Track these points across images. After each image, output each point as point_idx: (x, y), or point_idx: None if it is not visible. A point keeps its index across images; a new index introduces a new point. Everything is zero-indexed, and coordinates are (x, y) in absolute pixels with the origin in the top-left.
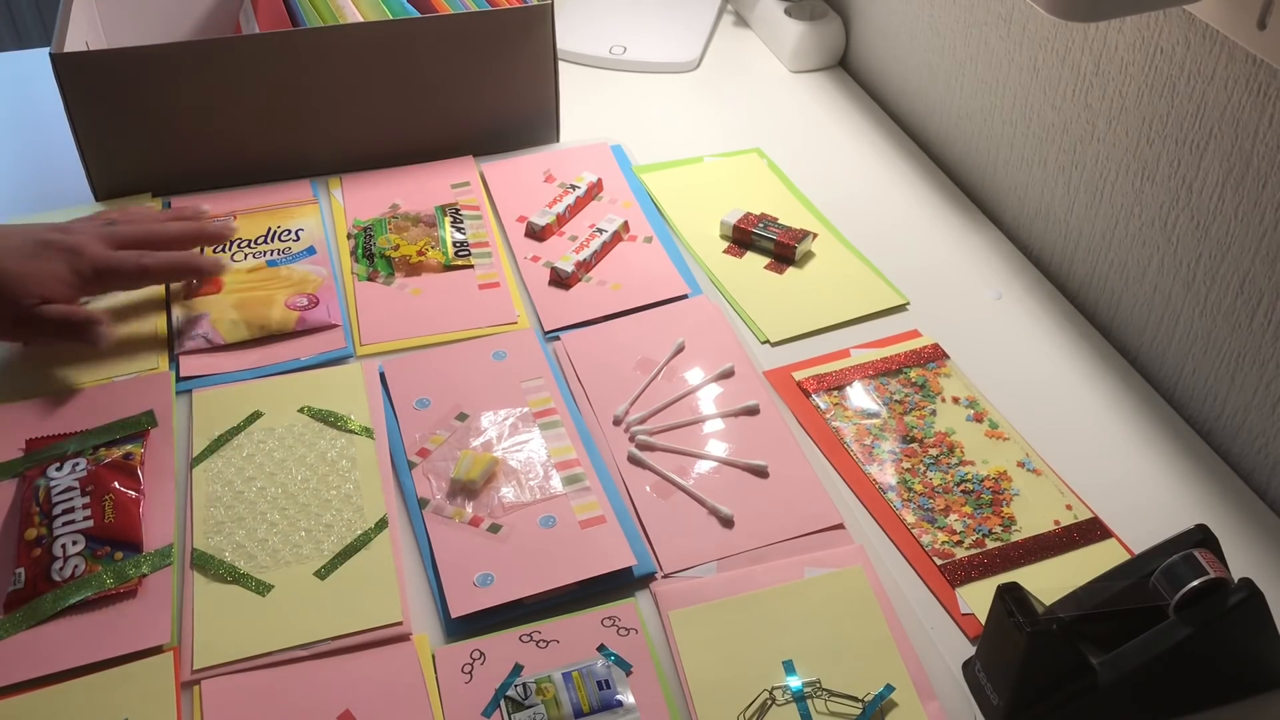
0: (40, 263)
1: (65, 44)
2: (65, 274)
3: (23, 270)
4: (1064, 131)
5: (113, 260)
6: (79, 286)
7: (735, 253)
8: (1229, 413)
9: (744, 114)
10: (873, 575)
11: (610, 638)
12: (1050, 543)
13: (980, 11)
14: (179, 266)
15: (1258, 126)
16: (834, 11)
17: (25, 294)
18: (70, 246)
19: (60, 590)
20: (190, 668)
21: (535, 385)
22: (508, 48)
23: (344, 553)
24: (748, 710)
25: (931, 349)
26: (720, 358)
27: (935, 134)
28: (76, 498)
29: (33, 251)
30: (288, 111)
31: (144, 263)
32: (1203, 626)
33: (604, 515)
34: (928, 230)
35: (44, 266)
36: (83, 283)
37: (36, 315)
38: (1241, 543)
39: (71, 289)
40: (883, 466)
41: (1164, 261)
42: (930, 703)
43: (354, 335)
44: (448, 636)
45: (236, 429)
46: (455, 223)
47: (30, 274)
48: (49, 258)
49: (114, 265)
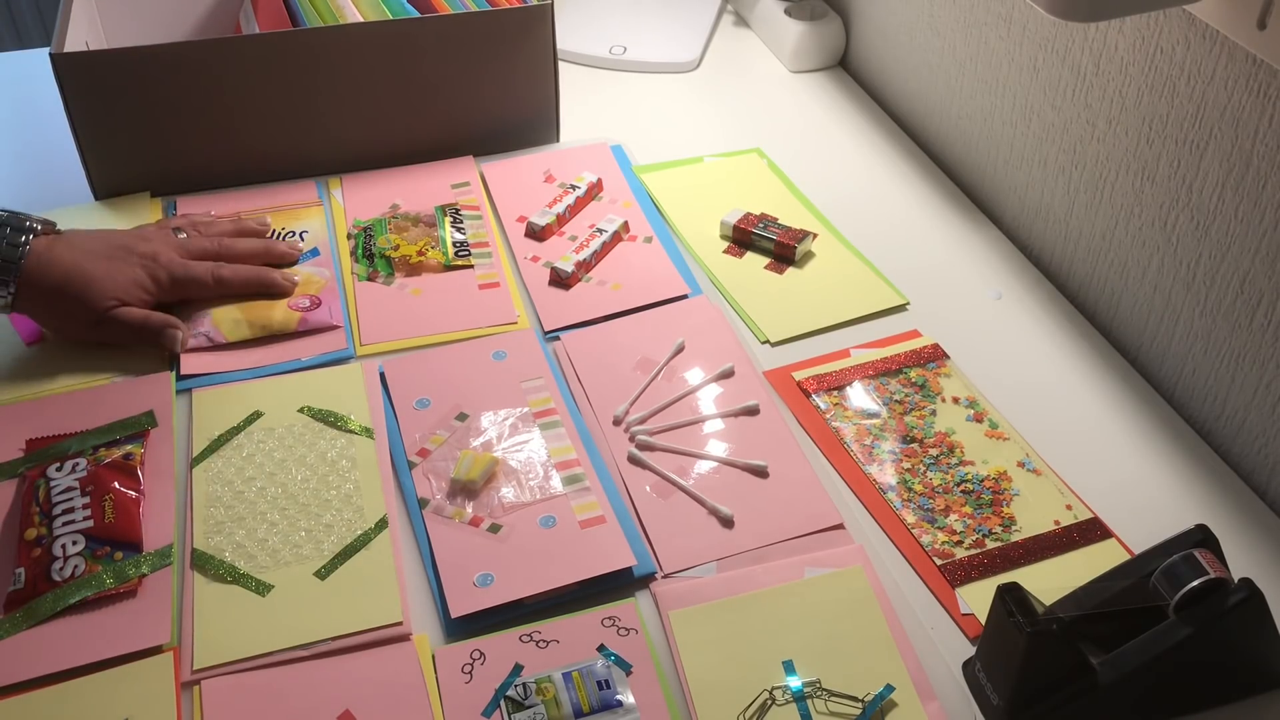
0: (120, 266)
1: (65, 44)
2: (144, 280)
3: (103, 273)
4: (1064, 131)
5: (191, 270)
6: (155, 293)
7: (735, 253)
8: (1229, 413)
9: (744, 114)
10: (873, 575)
11: (610, 638)
12: (1050, 543)
13: (980, 11)
14: (253, 282)
15: (1258, 126)
16: (834, 11)
17: (105, 296)
18: (149, 254)
19: (60, 590)
20: (190, 668)
21: (535, 385)
22: (508, 48)
23: (344, 553)
24: (748, 710)
25: (931, 349)
26: (720, 358)
27: (935, 134)
28: (76, 498)
29: (112, 255)
30: (288, 111)
31: (221, 274)
32: (1203, 626)
33: (604, 515)
34: (928, 230)
35: (124, 271)
36: (159, 290)
37: (115, 317)
38: (1241, 543)
39: (148, 294)
40: (883, 466)
41: (1164, 261)
42: (930, 703)
43: (354, 335)
44: (448, 636)
45: (236, 429)
46: (455, 223)
47: (110, 277)
48: (128, 263)
49: (192, 275)
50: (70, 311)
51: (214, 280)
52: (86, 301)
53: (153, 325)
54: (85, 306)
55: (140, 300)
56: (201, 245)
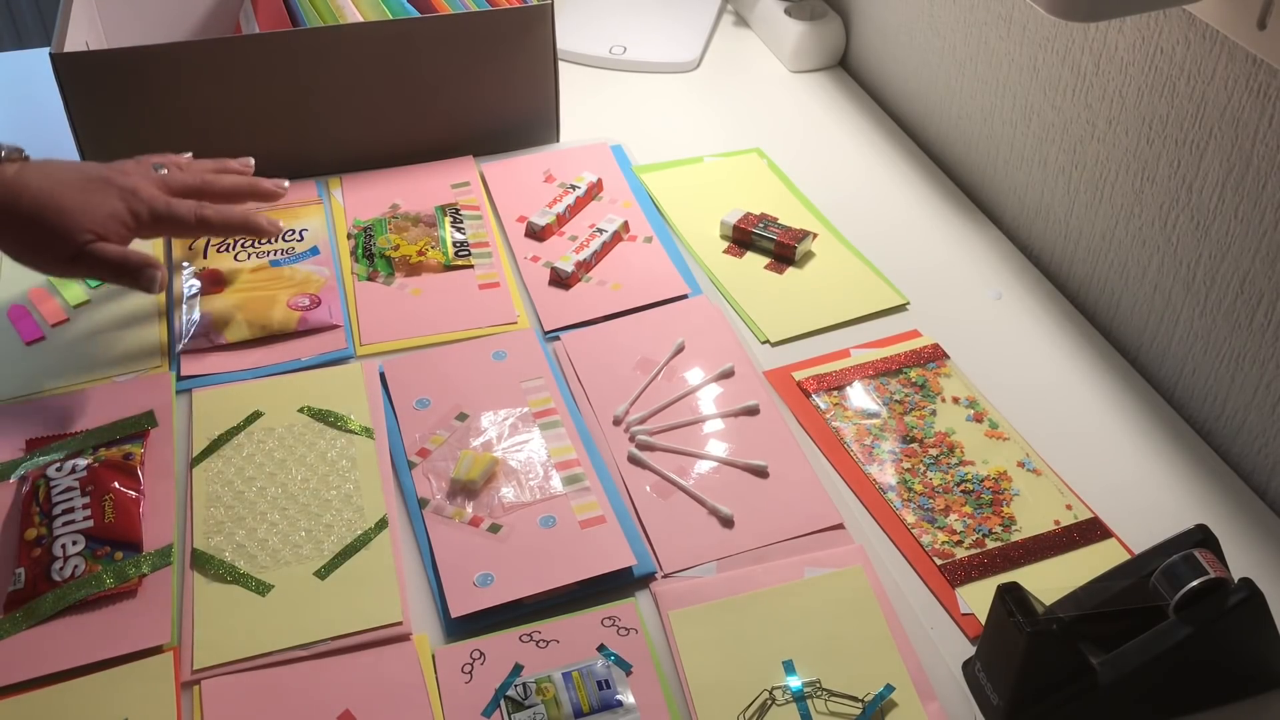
0: (97, 198)
1: (65, 44)
2: (122, 214)
3: (78, 204)
4: (1064, 131)
5: (172, 207)
6: (134, 229)
7: (735, 253)
8: (1229, 413)
9: (744, 114)
10: (873, 575)
11: (610, 638)
12: (1050, 543)
13: (980, 11)
14: (236, 224)
15: (1258, 126)
16: (834, 11)
17: (80, 229)
18: (128, 188)
19: (60, 590)
20: (190, 668)
21: (535, 385)
22: (508, 48)
23: (344, 553)
24: (748, 710)
25: (931, 349)
26: (720, 358)
27: (935, 134)
28: (76, 498)
29: (88, 186)
30: (288, 111)
31: (204, 214)
32: (1203, 626)
33: (604, 515)
34: (928, 230)
35: (101, 203)
36: (138, 225)
37: (92, 252)
38: (1241, 543)
39: (127, 230)
40: (883, 466)
41: (1164, 261)
42: (930, 703)
43: (354, 335)
44: (448, 636)
45: (236, 429)
46: (455, 223)
47: (86, 209)
48: (105, 195)
49: (172, 212)
50: (42, 244)
51: (196, 220)
52: (60, 233)
53: (131, 264)
54: (59, 239)
55: (118, 235)
56: (183, 180)
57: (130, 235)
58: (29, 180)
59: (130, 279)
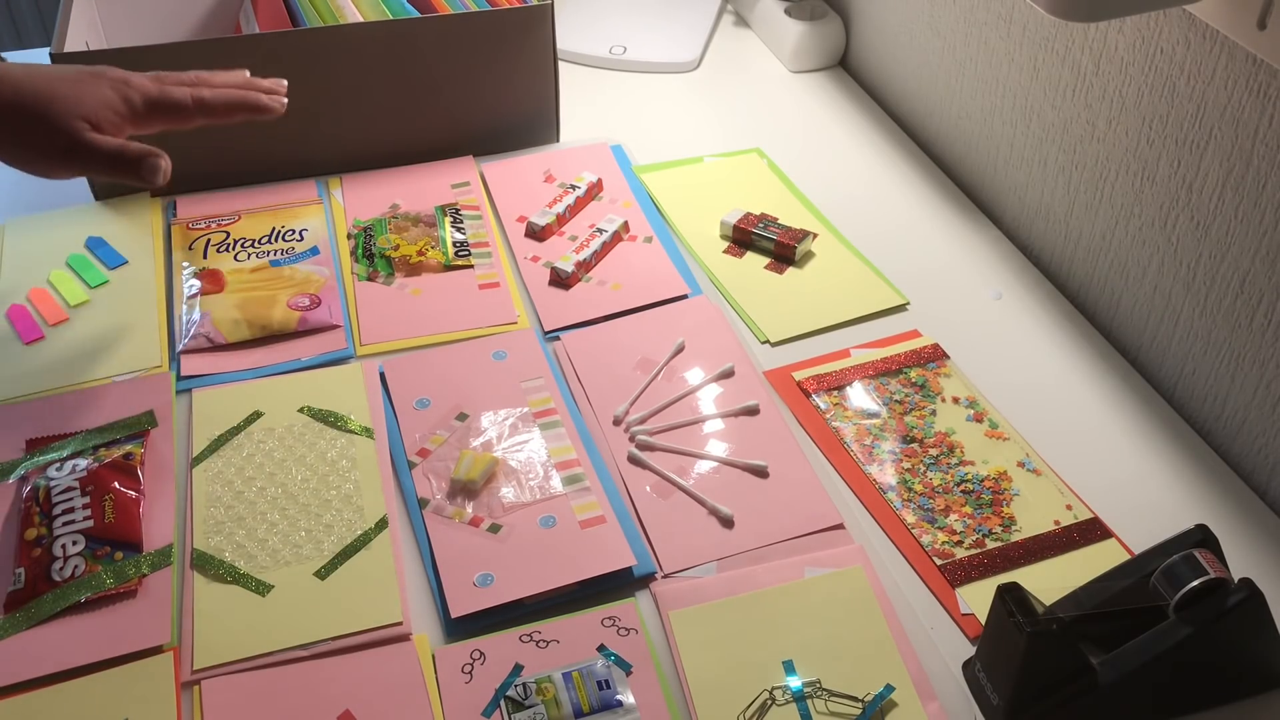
0: (87, 87)
1: (65, 44)
2: (116, 102)
3: (67, 92)
4: (1064, 131)
5: (167, 93)
6: (129, 118)
7: (735, 253)
8: (1229, 413)
9: (744, 114)
10: (873, 575)
11: (610, 638)
12: (1050, 543)
13: (980, 11)
14: (237, 102)
15: (1258, 126)
16: (834, 11)
17: (71, 115)
18: (119, 78)
19: (60, 590)
20: (190, 668)
21: (535, 385)
22: (508, 48)
23: (344, 553)
24: (748, 710)
25: (931, 349)
26: (720, 358)
27: (935, 134)
28: (76, 498)
29: (80, 77)
30: (288, 111)
31: (201, 95)
32: (1203, 626)
33: (604, 515)
34: (928, 230)
35: (92, 91)
36: (133, 114)
37: (87, 143)
38: (1241, 543)
39: (122, 118)
40: (883, 466)
41: (1164, 261)
42: (930, 703)
43: (354, 335)
44: (448, 636)
45: (236, 429)
46: (455, 223)
47: (79, 97)
48: (98, 84)
49: (168, 97)
50: (30, 137)
51: (194, 102)
52: (50, 122)
53: (130, 154)
54: (49, 128)
55: (112, 125)
56: (177, 76)
57: (125, 126)
58: (13, 72)
59: (130, 171)
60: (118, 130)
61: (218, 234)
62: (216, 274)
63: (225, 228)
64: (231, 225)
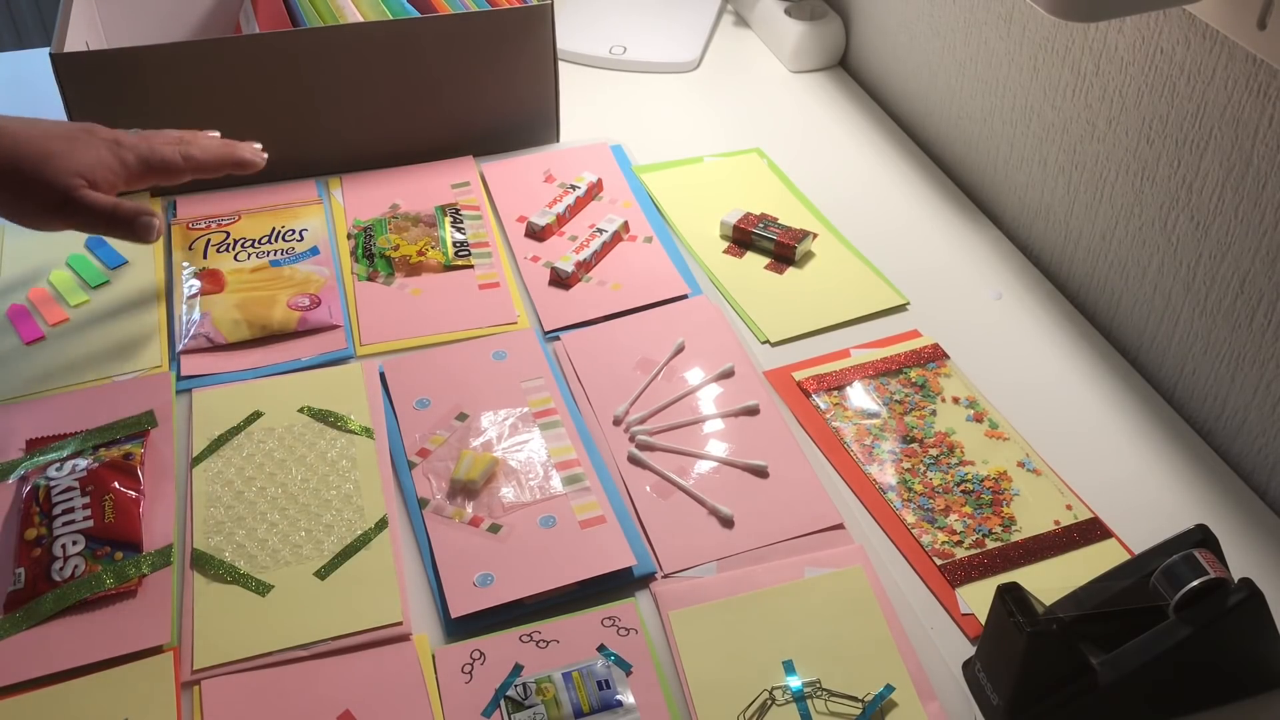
0: (82, 146)
1: (65, 44)
2: (109, 160)
3: (65, 150)
4: (1064, 131)
5: (157, 151)
6: (124, 176)
7: (735, 253)
8: (1229, 413)
9: (744, 114)
10: (873, 575)
11: (610, 638)
12: (1050, 543)
13: (980, 11)
14: (225, 159)
15: (1258, 126)
16: (834, 11)
17: (68, 172)
18: (110, 138)
19: (60, 590)
20: (190, 668)
21: (535, 385)
22: (508, 48)
23: (344, 553)
24: (748, 710)
25: (931, 349)
26: (720, 358)
27: (935, 134)
28: (76, 498)
29: (74, 134)
30: (288, 111)
31: (190, 153)
32: (1203, 627)
33: (604, 515)
34: (928, 230)
35: (86, 150)
36: (125, 173)
37: (82, 199)
38: (1241, 543)
39: (114, 176)
40: (883, 466)
41: (1164, 261)
42: (930, 703)
43: (354, 335)
44: (448, 636)
45: (236, 429)
46: (455, 223)
47: (73, 154)
48: (90, 144)
49: (159, 155)
50: (27, 191)
51: (184, 159)
52: (47, 178)
53: (124, 212)
54: (45, 184)
55: (106, 183)
56: (162, 135)
57: (118, 184)
58: (10, 127)
59: (124, 228)
60: (112, 188)
61: (218, 234)
62: (216, 274)
63: (225, 228)
64: (231, 225)
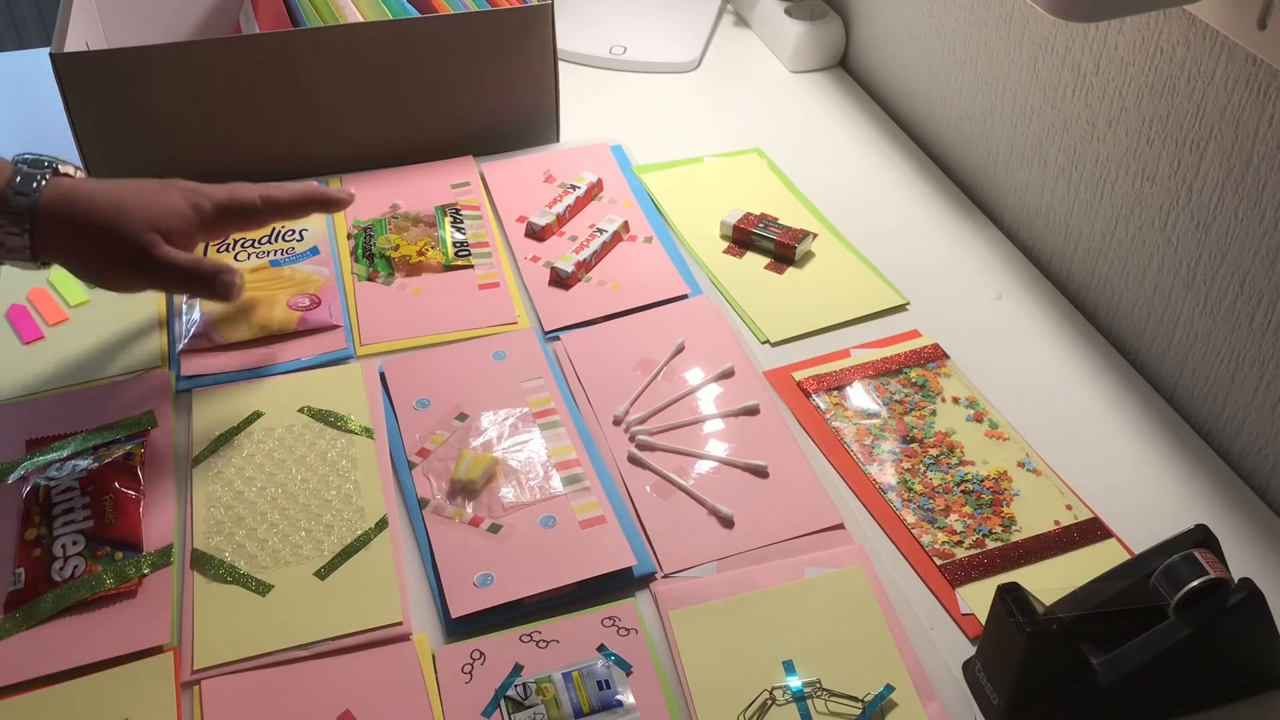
0: (156, 196)
1: (65, 44)
2: (185, 210)
3: (137, 202)
4: (1064, 131)
5: (236, 195)
6: (200, 225)
7: (735, 253)
8: (1229, 413)
9: (744, 114)
10: (873, 575)
11: (610, 638)
12: (1050, 543)
13: (980, 11)
14: (308, 198)
15: (1258, 126)
16: (834, 11)
17: (142, 227)
18: (187, 187)
19: (60, 590)
20: (190, 668)
21: (535, 385)
22: (508, 48)
23: (344, 553)
24: (748, 710)
25: (931, 349)
26: (720, 358)
27: (935, 134)
28: (76, 498)
29: (147, 188)
30: (288, 112)
31: (271, 194)
32: (1203, 627)
33: (604, 515)
34: (928, 230)
35: (161, 199)
36: (201, 221)
37: (159, 256)
38: (1241, 543)
39: (191, 226)
40: (883, 466)
41: (1164, 262)
42: (930, 703)
43: (354, 335)
44: (448, 636)
45: (236, 429)
46: (455, 223)
47: (147, 207)
48: (165, 194)
49: (238, 199)
50: (103, 249)
51: (265, 200)
52: (120, 233)
53: (204, 271)
54: (120, 239)
55: (182, 233)
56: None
57: (195, 233)
58: (84, 185)
59: (204, 287)
60: (188, 238)
61: None
62: None
63: None
64: None
